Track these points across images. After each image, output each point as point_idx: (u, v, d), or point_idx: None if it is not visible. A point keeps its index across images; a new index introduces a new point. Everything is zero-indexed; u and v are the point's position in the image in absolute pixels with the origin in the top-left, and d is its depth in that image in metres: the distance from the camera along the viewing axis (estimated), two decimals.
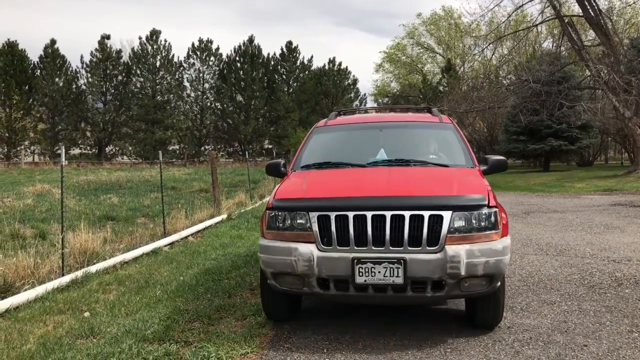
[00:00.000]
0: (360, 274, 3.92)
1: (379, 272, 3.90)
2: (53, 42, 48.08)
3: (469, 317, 4.58)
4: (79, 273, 6.71)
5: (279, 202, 4.34)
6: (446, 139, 5.57)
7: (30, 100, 46.84)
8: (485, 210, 4.06)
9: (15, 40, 46.94)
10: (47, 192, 19.16)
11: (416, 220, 3.97)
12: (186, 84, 50.21)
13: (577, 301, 5.35)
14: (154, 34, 48.88)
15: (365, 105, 53.86)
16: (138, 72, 48.76)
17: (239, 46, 49.84)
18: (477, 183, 4.47)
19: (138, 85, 48.75)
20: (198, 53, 49.98)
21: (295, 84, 51.10)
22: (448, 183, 4.45)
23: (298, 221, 4.14)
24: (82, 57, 49.35)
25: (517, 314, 4.98)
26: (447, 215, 3.98)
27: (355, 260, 3.91)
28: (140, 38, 49.40)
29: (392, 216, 3.98)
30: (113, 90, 49.03)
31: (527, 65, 29.29)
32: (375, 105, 59.30)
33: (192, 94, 50.37)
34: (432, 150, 5.52)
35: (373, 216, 3.99)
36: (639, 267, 6.64)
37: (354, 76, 51.70)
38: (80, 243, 7.89)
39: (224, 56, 50.29)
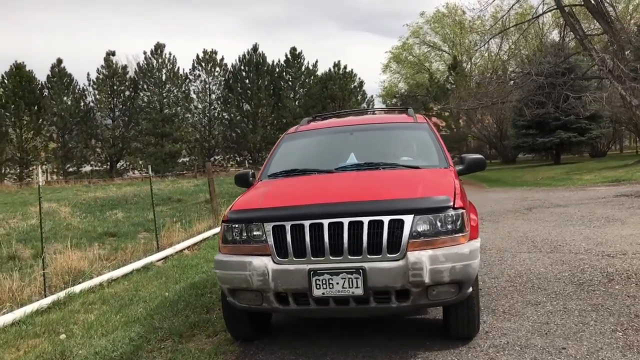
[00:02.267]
0: (318, 286, 3.76)
1: (337, 283, 3.74)
2: (59, 61, 48.48)
3: (445, 328, 4.38)
4: (61, 294, 6.64)
5: (234, 214, 4.21)
6: (420, 140, 5.41)
7: (40, 120, 47.13)
8: (450, 213, 3.89)
9: (23, 62, 47.32)
10: (53, 210, 19.22)
11: (375, 226, 3.80)
12: (193, 95, 50.26)
13: (563, 300, 5.15)
14: (159, 48, 49.06)
15: (373, 107, 53.60)
16: (145, 86, 48.94)
17: (244, 55, 49.89)
18: (445, 184, 4.29)
19: (145, 99, 48.89)
20: (203, 64, 50.04)
21: (301, 90, 51.01)
22: (413, 185, 4.28)
23: (254, 233, 4.00)
24: (88, 74, 49.38)
25: (498, 317, 4.80)
26: (408, 219, 3.81)
27: (312, 272, 3.75)
28: (145, 53, 49.47)
29: (350, 223, 3.82)
30: (121, 106, 49.22)
31: (532, 57, 28.97)
32: (385, 106, 59.12)
33: (200, 106, 50.43)
34: (404, 151, 5.35)
35: (330, 224, 3.83)
36: (634, 260, 6.41)
37: (359, 78, 51.42)
38: (67, 262, 7.83)
39: (229, 66, 50.39)
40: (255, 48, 50.16)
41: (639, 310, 4.75)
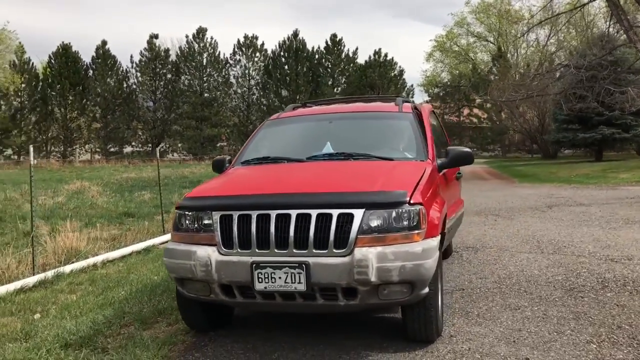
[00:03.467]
0: (260, 280, 3.60)
1: (280, 277, 3.57)
2: (104, 43, 49.48)
3: (403, 330, 4.16)
4: (49, 273, 6.66)
5: (186, 201, 4.09)
6: (401, 130, 5.16)
7: (84, 100, 48.34)
8: (405, 208, 3.66)
9: (69, 43, 48.58)
10: (85, 189, 19.63)
11: (323, 220, 3.61)
12: (232, 80, 50.63)
13: (546, 306, 4.86)
14: (200, 32, 49.49)
15: (412, 96, 52.91)
16: (186, 70, 49.53)
17: (284, 41, 49.89)
18: (408, 178, 4.04)
19: (186, 83, 49.50)
20: (243, 49, 50.26)
21: (340, 78, 50.71)
22: (373, 178, 4.06)
23: (204, 222, 3.87)
24: (131, 57, 50.46)
25: (470, 321, 4.55)
26: (358, 213, 3.60)
27: (254, 265, 3.60)
28: (187, 36, 50.06)
29: (298, 215, 3.64)
30: (162, 89, 49.95)
31: (576, 49, 27.85)
32: (426, 96, 58.29)
33: (239, 91, 50.75)
34: (381, 142, 5.09)
35: (278, 215, 3.66)
36: (637, 267, 6.02)
37: (400, 67, 50.80)
38: (64, 242, 7.90)
39: (269, 52, 50.47)
40: (295, 34, 50.08)
41: (623, 321, 4.43)
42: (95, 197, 16.95)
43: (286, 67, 49.59)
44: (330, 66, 50.77)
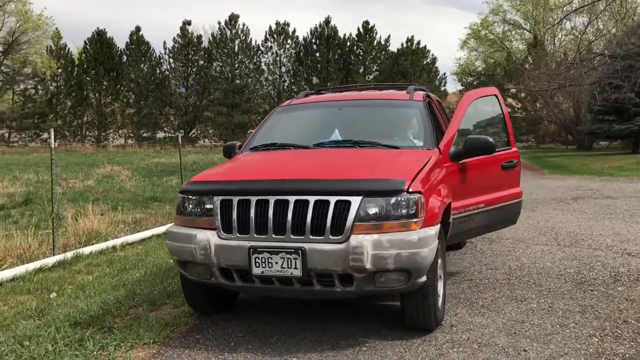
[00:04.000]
0: (257, 264, 3.64)
1: (276, 262, 3.61)
2: (138, 29, 50.08)
3: (402, 318, 4.16)
4: (69, 254, 6.84)
5: (189, 186, 4.15)
6: (409, 118, 5.12)
7: (118, 85, 49.16)
8: (403, 197, 3.65)
9: (104, 29, 49.38)
10: (115, 173, 20.02)
11: (321, 206, 3.63)
12: (263, 67, 50.77)
13: (553, 299, 4.80)
14: (233, 19, 49.67)
15: (445, 85, 52.33)
16: (218, 56, 49.85)
17: (315, 28, 49.75)
18: (410, 166, 4.02)
19: (218, 69, 49.85)
20: (275, 36, 50.30)
21: (372, 65, 50.38)
22: (374, 166, 4.06)
23: (206, 206, 3.92)
24: (164, 43, 50.78)
25: (474, 311, 4.53)
26: (355, 201, 3.61)
27: (252, 250, 3.64)
28: (219, 23, 50.33)
29: (296, 201, 3.67)
30: (195, 75, 50.40)
31: (614, 38, 27.05)
32: (459, 85, 57.55)
33: (270, 78, 50.89)
34: (389, 130, 5.06)
35: (276, 201, 3.70)
36: None
37: (432, 55, 50.20)
38: (85, 224, 8.10)
39: (301, 38, 50.42)
40: (327, 21, 49.88)
41: (630, 315, 4.35)
42: (124, 182, 17.27)
43: (317, 54, 49.46)
44: (361, 54, 50.43)
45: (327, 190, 3.67)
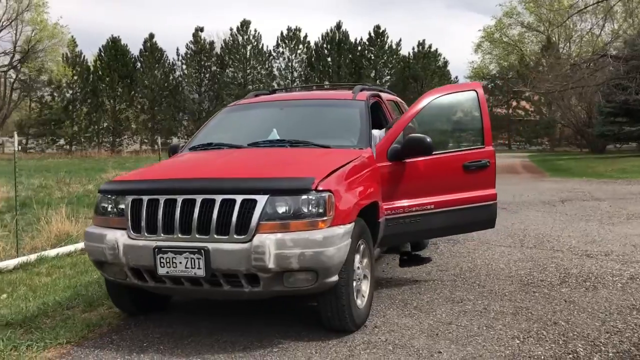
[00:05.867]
0: (162, 264, 3.63)
1: (180, 262, 3.59)
2: (151, 36, 50.70)
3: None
4: (32, 256, 6.90)
5: (107, 185, 4.17)
6: (348, 118, 5.07)
7: (132, 92, 49.77)
8: (311, 195, 3.61)
9: (118, 36, 50.08)
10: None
11: (227, 205, 3.61)
12: (275, 73, 51.04)
13: (491, 300, 4.71)
14: (244, 25, 50.04)
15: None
16: (230, 62, 50.20)
17: (327, 33, 49.87)
18: (326, 165, 3.98)
19: (230, 75, 50.21)
20: (287, 41, 50.55)
21: (384, 69, 50.30)
22: (291, 165, 4.05)
23: (119, 206, 3.93)
24: (177, 49, 51.52)
25: (404, 312, 4.47)
26: (262, 199, 3.58)
27: (157, 250, 3.63)
28: (231, 29, 50.77)
29: (203, 200, 3.65)
30: (207, 81, 50.87)
31: (628, 39, 26.62)
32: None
33: (282, 83, 51.07)
34: (325, 129, 5.03)
35: (184, 200, 3.69)
36: (609, 262, 5.77)
37: (444, 58, 49.98)
38: (57, 226, 8.17)
39: (312, 43, 50.55)
40: (338, 25, 49.99)
41: (562, 317, 4.26)
42: None
43: (329, 59, 49.55)
44: (373, 58, 50.38)
45: (233, 189, 3.65)
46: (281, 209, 3.60)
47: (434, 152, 4.77)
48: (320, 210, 3.61)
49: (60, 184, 17.46)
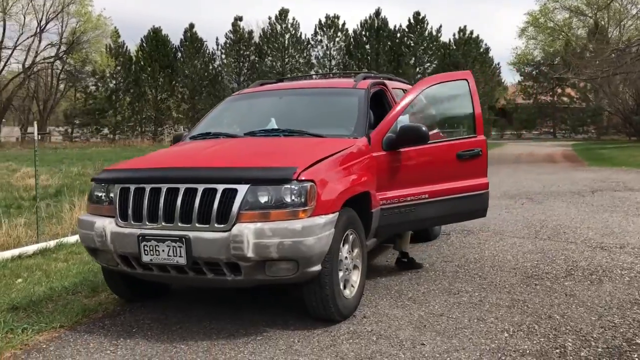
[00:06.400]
0: (146, 252, 3.69)
1: (163, 250, 3.65)
2: (191, 26, 51.38)
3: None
4: (51, 242, 7.12)
5: (99, 174, 4.26)
6: (346, 106, 5.01)
7: (173, 82, 50.63)
8: (292, 185, 3.60)
9: (159, 27, 50.95)
10: None
11: (208, 195, 3.64)
12: (313, 61, 50.97)
13: (489, 293, 4.62)
14: (283, 13, 50.14)
15: (499, 75, 50.91)
16: (268, 51, 50.43)
17: (365, 20, 49.48)
18: (312, 154, 3.95)
19: (269, 64, 50.45)
20: (325, 29, 50.39)
21: (424, 56, 49.59)
22: (276, 154, 4.05)
23: (110, 194, 4.01)
24: (217, 39, 52.18)
25: (397, 303, 4.42)
26: (242, 189, 3.59)
27: (141, 237, 3.70)
28: (269, 18, 50.99)
29: (186, 189, 3.69)
30: (246, 70, 51.28)
31: None
32: (517, 75, 55.83)
33: (320, 71, 50.99)
34: (322, 118, 5.00)
35: (168, 189, 3.74)
36: (621, 256, 5.58)
37: (485, 44, 48.94)
38: (80, 213, 8.39)
39: (350, 31, 50.25)
40: (377, 12, 49.48)
41: (558, 311, 4.15)
42: None
43: (367, 46, 49.19)
44: (412, 45, 49.73)
45: (215, 178, 3.68)
46: (262, 199, 3.61)
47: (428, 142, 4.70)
48: (302, 200, 3.60)
49: (98, 172, 17.89)
